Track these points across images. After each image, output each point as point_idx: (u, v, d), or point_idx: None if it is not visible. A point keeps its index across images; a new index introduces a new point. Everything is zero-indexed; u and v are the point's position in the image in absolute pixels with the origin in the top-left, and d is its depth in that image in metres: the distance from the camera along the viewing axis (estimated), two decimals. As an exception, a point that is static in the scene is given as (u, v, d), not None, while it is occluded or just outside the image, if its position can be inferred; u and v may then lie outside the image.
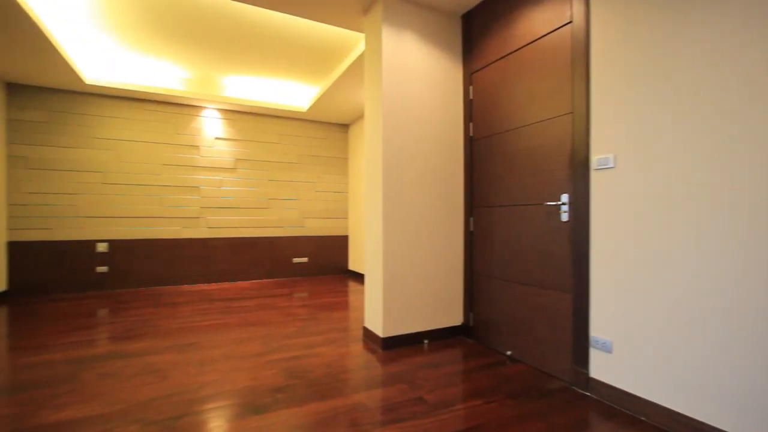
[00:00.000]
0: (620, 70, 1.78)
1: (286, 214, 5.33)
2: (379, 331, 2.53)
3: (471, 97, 2.75)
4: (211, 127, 4.91)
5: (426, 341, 2.64)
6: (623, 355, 1.76)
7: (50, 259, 4.21)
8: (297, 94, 4.87)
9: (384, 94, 2.51)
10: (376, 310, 2.58)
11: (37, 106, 4.16)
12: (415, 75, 2.63)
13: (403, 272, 2.58)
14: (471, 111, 2.75)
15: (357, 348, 2.52)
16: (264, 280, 5.16)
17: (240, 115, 5.06)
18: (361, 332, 2.85)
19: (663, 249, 1.62)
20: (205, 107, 4.84)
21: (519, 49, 2.34)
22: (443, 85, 2.74)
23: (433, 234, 2.69)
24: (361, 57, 3.42)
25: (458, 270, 2.80)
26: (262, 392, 1.88)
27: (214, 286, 4.74)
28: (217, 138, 4.94)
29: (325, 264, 5.59)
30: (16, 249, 4.09)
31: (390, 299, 2.53)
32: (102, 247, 4.39)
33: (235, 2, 2.73)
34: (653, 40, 1.66)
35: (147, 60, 3.86)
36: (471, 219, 2.75)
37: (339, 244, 5.69)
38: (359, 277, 5.28)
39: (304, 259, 5.44)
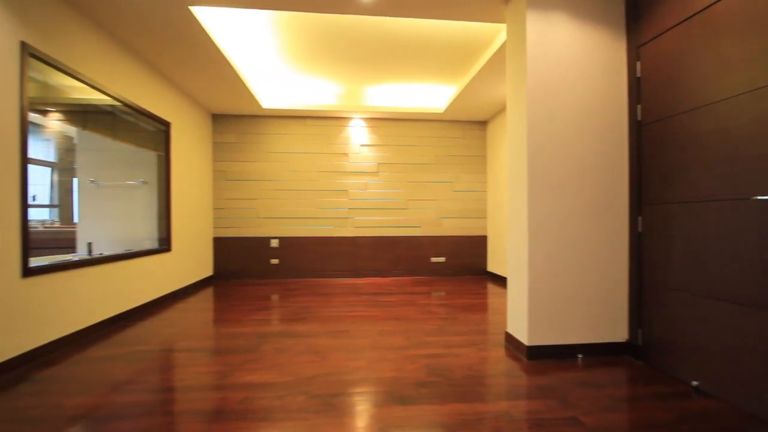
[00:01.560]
0: None
1: (423, 214, 5.47)
2: (524, 338, 2.36)
3: (638, 74, 2.33)
4: (357, 135, 5.39)
5: (580, 356, 2.35)
6: None
7: (239, 252, 5.26)
8: (433, 96, 4.95)
9: (528, 83, 2.33)
10: (520, 316, 2.41)
11: (230, 131, 5.26)
12: (565, 58, 2.37)
13: (552, 277, 2.35)
14: (638, 91, 2.34)
15: (498, 353, 2.41)
16: (404, 277, 5.40)
17: (381, 122, 5.42)
18: (502, 337, 2.71)
19: None
20: (352, 118, 5.35)
21: (708, 6, 1.88)
22: (601, 65, 2.40)
23: (588, 235, 2.38)
24: (500, 50, 3.27)
25: (622, 278, 2.40)
26: (406, 384, 1.95)
27: (360, 280, 5.18)
28: (362, 145, 5.39)
29: (462, 264, 5.53)
30: (218, 243, 5.24)
31: (536, 305, 2.34)
32: (274, 243, 5.27)
33: (378, 17, 2.92)
34: None
35: (309, 81, 4.47)
36: (639, 218, 2.33)
37: (477, 245, 5.56)
38: (499, 280, 5.05)
39: (442, 259, 5.49)
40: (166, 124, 3.96)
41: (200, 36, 3.01)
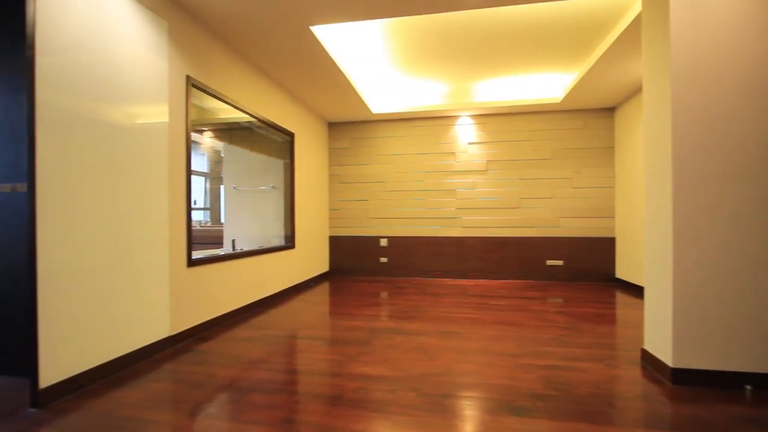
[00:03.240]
0: None
1: (537, 213, 5.08)
2: (667, 358, 2.01)
3: (840, 29, 1.79)
4: (464, 133, 5.27)
5: (748, 387, 1.90)
6: None
7: (351, 250, 5.60)
8: (547, 86, 4.56)
9: (673, 56, 1.98)
10: (662, 332, 2.06)
11: (344, 137, 5.64)
12: (722, 22, 1.94)
13: (706, 288, 1.95)
14: (840, 51, 1.79)
15: (633, 373, 2.10)
16: (514, 280, 5.09)
17: (490, 117, 5.20)
18: (638, 354, 2.35)
19: None
20: (459, 116, 5.25)
21: None
22: (778, 24, 1.90)
23: (762, 237, 1.91)
24: (633, 23, 2.84)
25: (813, 293, 1.87)
26: (520, 394, 1.83)
27: (468, 281, 5.05)
28: (469, 143, 5.26)
29: (584, 269, 4.98)
30: (333, 241, 5.67)
31: (684, 321, 1.97)
32: (383, 242, 5.48)
33: (485, 9, 2.80)
34: None
35: (416, 83, 4.54)
36: (842, 217, 1.78)
37: (603, 247, 4.94)
38: (632, 289, 4.40)
39: (559, 262, 5.02)
40: (291, 135, 4.44)
41: (318, 52, 3.30)
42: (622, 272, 4.73)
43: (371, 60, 3.88)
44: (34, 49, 1.71)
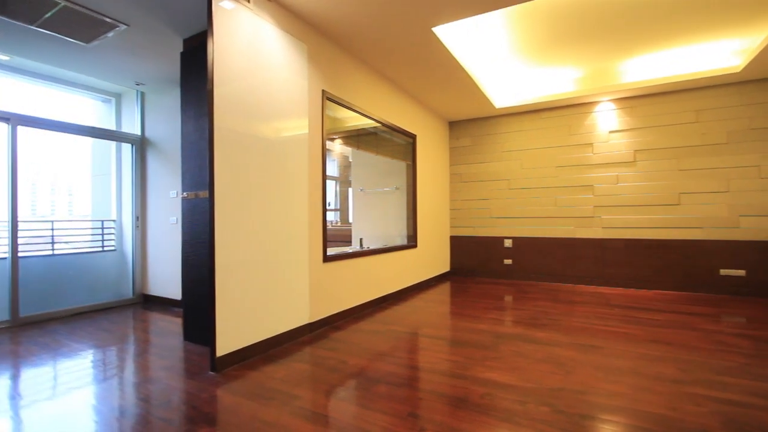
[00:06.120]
0: None
1: (706, 210, 4.15)
2: None
3: None
4: (605, 121, 4.63)
5: None
6: None
7: (473, 250, 5.45)
8: (716, 54, 3.67)
9: None
10: None
11: (465, 135, 5.52)
12: None
13: None
14: None
15: None
16: (673, 291, 4.25)
17: (639, 100, 4.45)
18: None
19: None
20: (598, 101, 4.64)
21: None
22: None
23: None
24: None
25: None
26: (686, 430, 1.51)
27: (609, 289, 4.42)
28: (611, 131, 4.60)
29: (780, 283, 3.87)
30: (454, 241, 5.60)
31: None
32: (508, 243, 5.18)
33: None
34: None
35: (542, 71, 4.18)
36: None
37: (810, 256, 3.76)
38: None
39: (740, 272, 4.01)
40: (413, 137, 4.54)
41: (440, 51, 3.30)
42: None
43: (493, 53, 3.71)
44: (213, 83, 2.12)
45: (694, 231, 4.20)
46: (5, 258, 3.19)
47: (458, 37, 3.35)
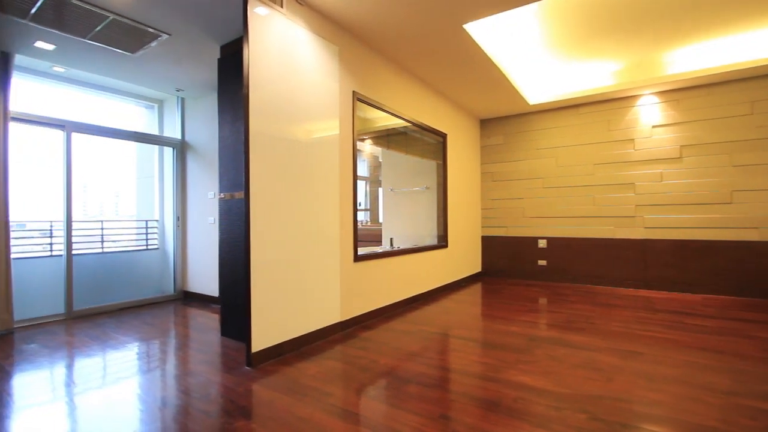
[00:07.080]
0: None
1: (762, 209, 3.85)
2: None
3: None
4: (647, 115, 4.40)
5: None
6: None
7: (505, 251, 5.32)
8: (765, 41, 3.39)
9: None
10: None
11: (497, 133, 5.41)
12: None
13: None
14: None
15: None
16: (725, 296, 3.97)
17: (686, 92, 4.19)
18: None
19: None
20: (640, 95, 4.41)
21: None
22: None
23: None
24: None
25: None
26: (742, 446, 1.41)
27: (653, 293, 4.19)
28: (654, 126, 4.36)
29: None
30: (485, 241, 5.49)
31: None
32: (542, 243, 5.03)
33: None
34: None
35: (578, 66, 4.02)
36: None
37: None
38: None
39: (802, 277, 3.69)
40: (443, 136, 4.50)
41: (472, 49, 3.25)
42: None
43: (526, 49, 3.61)
44: (248, 87, 2.19)
45: (748, 231, 3.91)
46: (61, 255, 3.44)
47: (490, 33, 3.28)
